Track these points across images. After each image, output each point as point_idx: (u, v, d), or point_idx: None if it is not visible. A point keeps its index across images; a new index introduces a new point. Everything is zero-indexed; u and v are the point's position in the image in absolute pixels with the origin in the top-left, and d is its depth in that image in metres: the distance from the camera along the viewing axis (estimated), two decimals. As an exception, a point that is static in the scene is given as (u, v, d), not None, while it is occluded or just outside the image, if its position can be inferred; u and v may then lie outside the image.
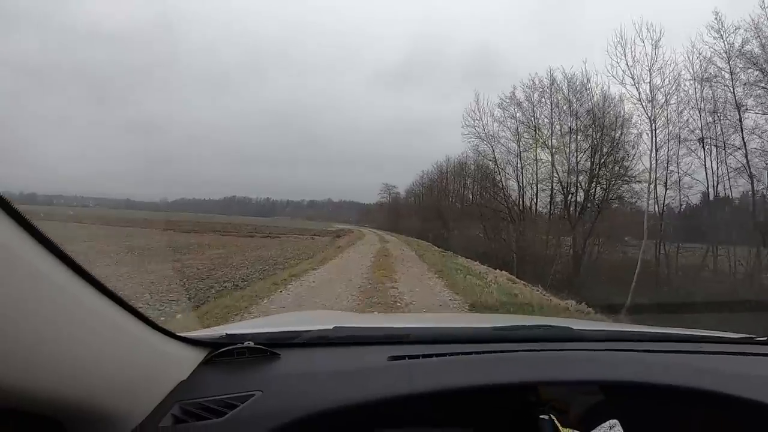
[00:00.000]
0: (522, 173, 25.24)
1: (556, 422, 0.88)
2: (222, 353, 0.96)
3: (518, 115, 24.75)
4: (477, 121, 26.16)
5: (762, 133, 16.19)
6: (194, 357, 0.93)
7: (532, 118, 24.59)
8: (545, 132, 23.97)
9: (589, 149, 22.18)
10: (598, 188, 21.46)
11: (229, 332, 1.05)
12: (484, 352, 1.08)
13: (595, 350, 1.17)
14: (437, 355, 1.03)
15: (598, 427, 0.87)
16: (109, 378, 0.68)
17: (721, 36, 16.77)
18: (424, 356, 1.03)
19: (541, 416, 0.89)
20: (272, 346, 1.00)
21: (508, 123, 25.37)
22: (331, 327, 1.15)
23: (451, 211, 40.68)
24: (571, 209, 22.83)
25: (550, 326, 1.36)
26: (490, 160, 26.61)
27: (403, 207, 60.13)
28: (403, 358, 1.01)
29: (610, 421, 0.87)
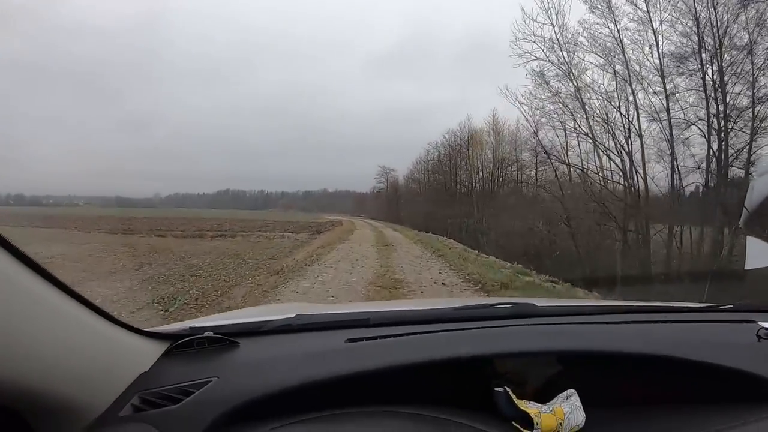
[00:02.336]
0: (636, 112, 13.06)
1: (511, 394, 0.85)
2: (182, 344, 0.94)
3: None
4: (545, 26, 14.01)
5: None
6: (155, 349, 0.92)
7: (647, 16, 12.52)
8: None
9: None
10: None
11: (192, 325, 1.02)
12: (442, 331, 1.04)
13: (555, 324, 1.13)
14: (395, 336, 1.00)
15: (556, 397, 0.86)
16: (69, 370, 0.68)
17: None
18: (382, 337, 1.00)
19: (496, 389, 0.86)
20: (233, 336, 0.97)
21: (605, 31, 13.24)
22: (293, 316, 1.11)
23: (480, 191, 28.81)
24: None
25: (513, 304, 1.28)
26: (571, 91, 14.29)
27: (404, 192, 48.07)
28: (361, 339, 0.99)
29: (567, 390, 0.86)
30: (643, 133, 12.98)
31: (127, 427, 0.73)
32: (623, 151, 13.43)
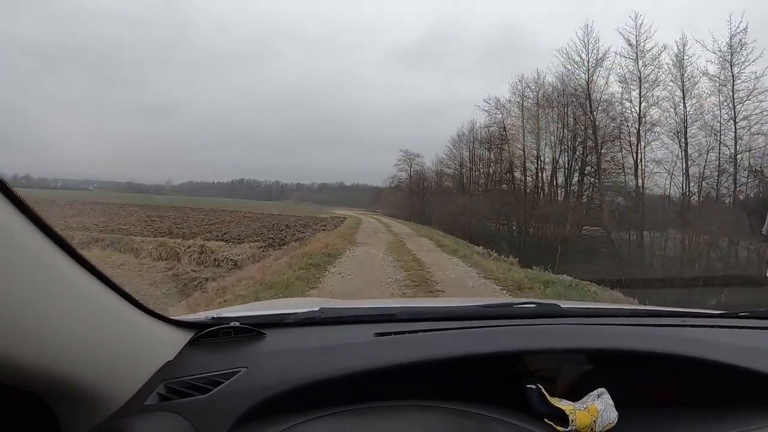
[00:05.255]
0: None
1: (543, 391, 0.80)
2: (208, 334, 0.88)
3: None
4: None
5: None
6: (181, 338, 0.86)
7: None
8: None
9: None
10: None
11: (216, 315, 0.96)
12: (470, 328, 0.99)
13: (582, 324, 1.10)
14: (423, 331, 0.95)
15: (587, 396, 0.82)
16: (94, 357, 0.63)
17: None
18: (411, 332, 0.95)
19: (528, 386, 0.81)
20: (259, 326, 0.91)
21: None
22: (317, 309, 1.04)
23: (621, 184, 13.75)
24: None
25: (538, 303, 1.21)
26: None
27: (434, 184, 33.01)
28: (389, 334, 0.93)
29: (598, 389, 0.82)
30: None
31: (153, 416, 0.68)
32: None
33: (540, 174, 17.74)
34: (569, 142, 16.06)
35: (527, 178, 18.50)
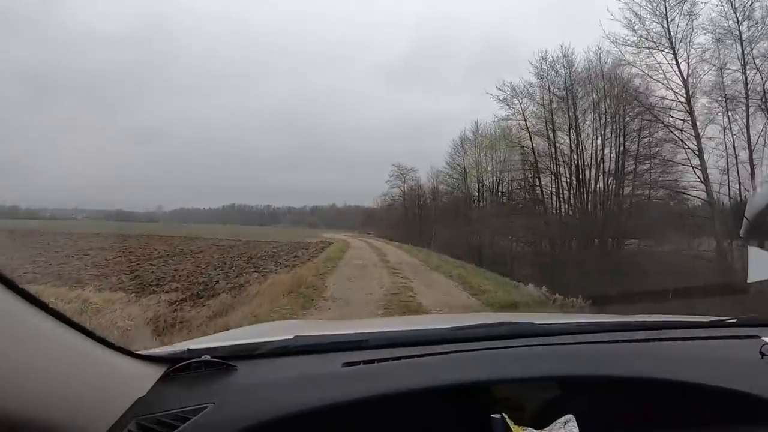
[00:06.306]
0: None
1: (508, 420, 0.78)
2: (180, 368, 0.88)
3: None
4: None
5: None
6: (153, 373, 0.87)
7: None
8: None
9: None
10: None
11: (190, 347, 0.96)
12: (440, 353, 0.98)
13: (556, 344, 1.06)
14: (393, 359, 0.95)
15: (553, 424, 0.80)
16: (63, 397, 0.65)
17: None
18: (379, 360, 0.95)
19: (493, 415, 0.79)
20: (231, 358, 0.92)
21: None
22: (291, 337, 1.04)
23: None
24: None
25: (511, 323, 1.19)
26: None
27: (434, 200, 28.51)
28: (357, 363, 0.93)
29: (565, 416, 0.80)
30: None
31: None
32: None
33: (582, 174, 13.06)
34: (631, 126, 11.43)
35: (562, 181, 13.86)
